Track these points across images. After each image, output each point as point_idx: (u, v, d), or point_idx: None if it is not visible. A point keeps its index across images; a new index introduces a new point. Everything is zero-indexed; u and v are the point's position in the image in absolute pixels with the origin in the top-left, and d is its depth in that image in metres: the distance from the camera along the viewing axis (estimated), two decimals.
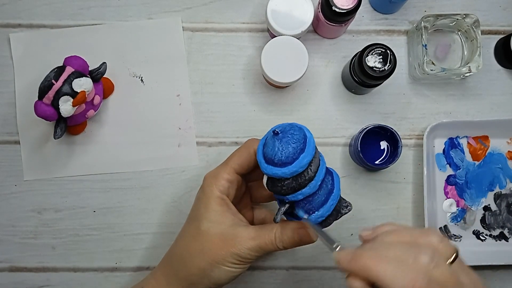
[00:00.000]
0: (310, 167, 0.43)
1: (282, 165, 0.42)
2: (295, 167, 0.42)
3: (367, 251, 0.38)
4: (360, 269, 0.37)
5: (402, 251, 0.37)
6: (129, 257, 0.62)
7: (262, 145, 0.45)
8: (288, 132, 0.43)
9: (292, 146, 0.42)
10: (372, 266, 0.36)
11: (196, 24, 0.64)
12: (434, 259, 0.36)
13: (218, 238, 0.46)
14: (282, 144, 0.42)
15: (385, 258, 0.37)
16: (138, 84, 0.63)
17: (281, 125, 0.45)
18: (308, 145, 0.42)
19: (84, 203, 0.62)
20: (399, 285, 0.35)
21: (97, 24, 0.63)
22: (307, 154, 0.42)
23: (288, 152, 0.42)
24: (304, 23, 0.57)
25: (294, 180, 0.43)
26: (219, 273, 0.46)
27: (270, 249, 0.47)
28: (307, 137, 0.43)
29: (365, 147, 0.59)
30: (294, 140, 0.42)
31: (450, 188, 0.63)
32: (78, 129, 0.61)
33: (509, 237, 0.63)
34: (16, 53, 0.62)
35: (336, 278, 0.62)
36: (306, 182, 0.43)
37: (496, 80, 0.64)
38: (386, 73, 0.54)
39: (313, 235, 0.46)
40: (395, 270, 0.36)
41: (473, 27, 0.60)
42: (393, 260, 0.36)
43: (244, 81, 0.63)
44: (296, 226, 0.46)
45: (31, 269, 0.62)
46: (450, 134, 0.63)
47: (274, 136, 0.43)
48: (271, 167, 0.43)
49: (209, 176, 0.50)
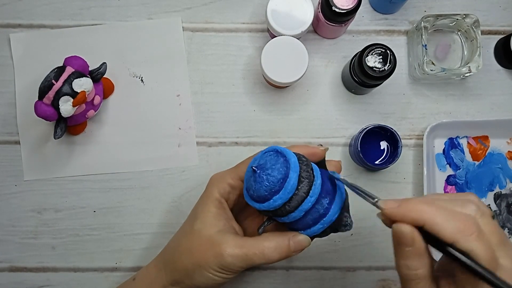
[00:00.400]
0: (288, 204, 0.41)
1: (256, 201, 0.42)
2: (265, 207, 0.41)
3: (414, 199, 0.38)
4: (409, 213, 0.36)
5: (447, 203, 0.37)
6: (129, 257, 0.62)
7: (246, 175, 0.44)
8: (266, 171, 0.41)
9: (263, 188, 0.41)
10: (422, 209, 0.36)
11: (196, 24, 0.64)
12: (478, 211, 0.36)
13: (206, 241, 0.46)
14: (256, 183, 0.42)
15: (435, 205, 0.36)
16: (138, 84, 0.63)
17: (266, 158, 0.42)
18: (286, 187, 0.41)
19: (84, 203, 0.62)
20: (450, 228, 0.34)
21: (97, 24, 0.63)
22: (280, 197, 0.41)
23: (259, 193, 0.41)
24: (304, 23, 0.57)
25: (270, 212, 0.42)
26: (200, 277, 0.46)
27: (258, 260, 0.45)
28: (288, 177, 0.41)
29: (365, 147, 0.59)
30: (268, 182, 0.41)
31: (450, 188, 0.63)
32: (78, 129, 0.61)
33: (509, 237, 0.63)
34: (16, 53, 0.62)
35: (336, 278, 0.62)
36: (285, 214, 0.42)
37: (496, 80, 0.64)
38: (386, 73, 0.54)
39: (307, 243, 0.45)
40: (445, 214, 0.35)
41: (473, 27, 0.60)
42: (441, 207, 0.36)
43: (244, 81, 0.64)
44: (290, 234, 0.45)
45: (31, 269, 0.62)
46: (450, 134, 0.63)
47: (252, 172, 0.42)
48: (248, 197, 0.43)
49: (215, 177, 0.50)
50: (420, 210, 0.36)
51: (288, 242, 0.45)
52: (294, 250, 0.45)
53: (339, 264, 0.62)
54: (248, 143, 0.63)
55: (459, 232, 0.34)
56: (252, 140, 0.63)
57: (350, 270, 0.62)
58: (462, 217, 0.35)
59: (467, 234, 0.34)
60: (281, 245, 0.45)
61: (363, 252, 0.62)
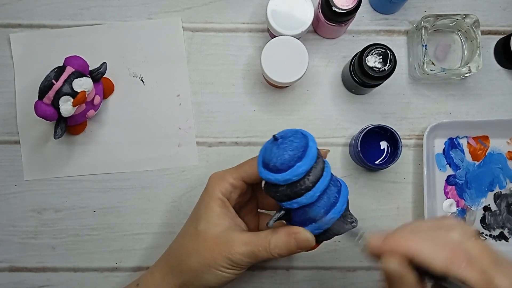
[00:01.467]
0: (307, 176, 0.41)
1: (277, 171, 0.41)
2: (289, 175, 0.41)
3: (398, 232, 0.37)
4: (395, 247, 0.36)
5: (430, 232, 0.36)
6: (129, 257, 0.62)
7: (264, 148, 0.44)
8: (288, 139, 0.42)
9: (288, 154, 0.41)
10: (408, 242, 0.35)
11: (196, 24, 0.64)
12: (464, 235, 0.36)
13: (213, 241, 0.46)
14: (279, 150, 0.41)
15: (419, 236, 0.36)
16: (138, 84, 0.63)
17: (285, 131, 0.43)
18: (308, 155, 0.41)
19: (84, 203, 0.62)
20: (440, 259, 0.34)
21: (97, 24, 0.63)
22: (304, 163, 0.41)
23: (284, 159, 0.41)
24: (304, 23, 0.57)
25: (288, 187, 0.41)
26: (210, 276, 0.46)
27: (264, 256, 0.45)
28: (309, 146, 0.41)
29: (365, 147, 0.59)
30: (292, 148, 0.41)
31: (450, 188, 0.63)
32: (78, 129, 0.61)
33: (509, 237, 0.63)
34: (16, 53, 0.62)
35: (336, 278, 0.62)
36: (302, 192, 0.41)
37: (496, 80, 0.64)
38: (386, 73, 0.54)
39: (312, 240, 0.44)
40: (432, 245, 0.35)
41: (473, 27, 0.60)
42: (427, 237, 0.35)
43: (244, 81, 0.64)
44: (293, 230, 0.44)
45: (31, 269, 0.62)
46: (450, 134, 0.63)
47: (273, 141, 0.42)
48: (266, 171, 0.42)
49: (215, 176, 0.50)
50: (406, 245, 0.35)
51: (290, 239, 0.44)
52: (299, 247, 0.44)
53: (339, 264, 0.62)
54: (248, 143, 0.63)
55: (449, 263, 0.34)
56: (252, 140, 0.63)
57: (350, 270, 0.62)
58: (449, 246, 0.35)
59: (457, 264, 0.34)
60: (283, 241, 0.44)
61: None
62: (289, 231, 0.44)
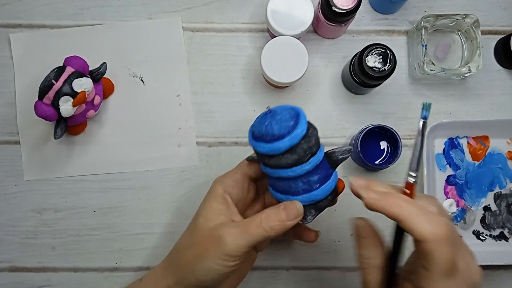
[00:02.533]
0: (309, 138, 0.43)
1: (278, 139, 0.43)
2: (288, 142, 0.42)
3: (393, 193, 0.40)
4: (389, 207, 0.38)
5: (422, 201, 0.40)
6: (129, 257, 0.62)
7: (252, 129, 0.46)
8: (278, 110, 0.44)
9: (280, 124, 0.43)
10: (402, 205, 0.38)
11: (196, 24, 0.64)
12: (441, 212, 0.39)
13: (207, 233, 0.47)
14: (275, 120, 0.43)
15: (412, 202, 0.38)
16: (138, 84, 0.63)
17: (277, 107, 0.46)
18: (301, 119, 0.43)
19: (84, 203, 0.62)
20: (425, 229, 0.36)
21: (97, 24, 0.63)
22: (301, 124, 0.43)
23: (280, 127, 0.43)
24: (304, 23, 0.57)
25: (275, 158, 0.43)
26: (201, 269, 0.46)
27: (257, 235, 0.45)
28: (299, 112, 0.44)
29: (365, 147, 0.59)
30: (284, 119, 0.43)
31: (450, 188, 0.63)
32: (78, 129, 0.61)
33: (509, 237, 0.63)
34: (16, 53, 0.62)
35: (336, 278, 0.62)
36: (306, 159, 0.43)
37: (496, 80, 0.64)
38: (386, 73, 0.54)
39: (300, 208, 0.45)
40: (423, 214, 0.37)
41: (473, 27, 0.60)
42: (419, 206, 0.38)
43: (244, 81, 0.63)
44: (282, 204, 0.45)
45: (31, 269, 0.62)
46: (450, 134, 0.63)
47: (265, 114, 0.44)
48: (258, 143, 0.44)
49: (218, 178, 0.51)
50: (400, 207, 0.38)
51: (280, 212, 0.45)
52: (288, 219, 0.45)
53: (339, 264, 0.62)
54: (248, 143, 0.63)
55: (432, 234, 0.36)
56: None
57: (350, 270, 0.62)
58: (437, 220, 0.37)
59: (438, 238, 0.36)
60: (274, 214, 0.45)
61: None
62: (278, 205, 0.46)
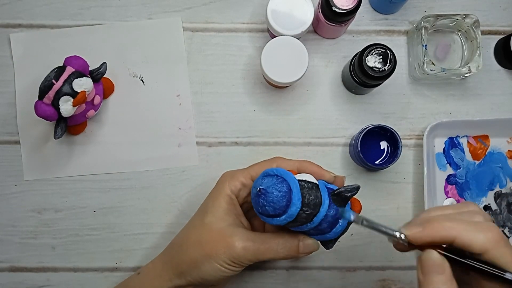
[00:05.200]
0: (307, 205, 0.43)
1: (276, 217, 0.42)
2: (283, 220, 0.42)
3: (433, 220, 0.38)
4: (437, 233, 0.36)
5: (459, 216, 0.38)
6: (129, 257, 0.62)
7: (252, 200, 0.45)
8: (269, 189, 0.43)
9: (275, 204, 0.42)
10: (449, 226, 0.36)
11: (196, 24, 0.64)
12: (487, 219, 0.38)
13: (217, 233, 0.47)
14: (266, 201, 0.42)
15: (453, 221, 0.37)
16: (138, 84, 0.63)
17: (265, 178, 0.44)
18: (294, 197, 0.42)
19: (84, 203, 0.62)
20: (481, 239, 0.35)
21: (97, 24, 0.63)
22: (294, 203, 0.42)
23: (274, 209, 0.42)
24: (304, 23, 0.57)
25: (288, 224, 0.43)
26: (209, 269, 0.46)
27: (268, 255, 0.46)
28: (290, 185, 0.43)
29: (365, 147, 0.59)
30: (277, 196, 0.42)
31: (451, 188, 0.63)
32: (78, 129, 0.61)
33: (509, 237, 0.63)
34: (16, 53, 0.62)
35: (336, 278, 0.62)
36: (303, 222, 0.43)
37: (496, 80, 0.64)
38: (386, 73, 0.54)
39: (317, 246, 0.47)
40: (471, 227, 0.36)
41: (473, 27, 0.60)
42: (463, 221, 0.37)
43: (244, 81, 0.63)
44: (301, 235, 0.47)
45: (31, 269, 0.62)
46: (450, 134, 0.63)
47: (257, 194, 0.43)
48: (264, 217, 0.44)
49: (227, 174, 0.51)
50: (448, 227, 0.36)
51: (298, 243, 0.46)
52: (302, 252, 0.47)
53: (339, 264, 0.62)
54: (248, 143, 0.63)
55: (491, 242, 0.35)
56: (252, 140, 0.63)
57: (350, 270, 0.62)
58: (486, 227, 0.36)
59: (498, 243, 0.35)
60: (291, 244, 0.46)
61: (363, 252, 0.62)
62: (296, 235, 0.47)
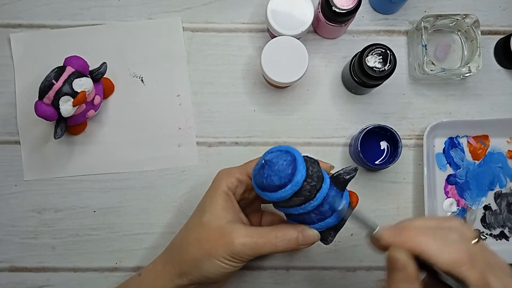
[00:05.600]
0: (311, 178, 0.42)
1: (280, 188, 0.42)
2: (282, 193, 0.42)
3: (407, 228, 0.40)
4: (406, 243, 0.38)
5: (437, 230, 0.39)
6: (129, 257, 0.62)
7: (254, 172, 0.44)
8: (274, 159, 0.42)
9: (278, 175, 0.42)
10: (418, 239, 0.38)
11: (196, 24, 0.64)
12: (465, 237, 0.39)
13: (216, 231, 0.47)
14: (270, 172, 0.42)
15: (427, 234, 0.38)
16: (138, 84, 0.63)
17: (271, 153, 0.44)
18: (299, 165, 0.42)
19: (84, 203, 0.62)
20: (445, 259, 0.37)
21: (97, 24, 0.63)
22: (299, 170, 0.42)
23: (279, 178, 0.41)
24: (304, 23, 0.57)
25: (285, 202, 0.43)
26: (210, 266, 0.46)
27: (266, 250, 0.46)
28: (295, 156, 0.42)
29: (365, 147, 0.59)
30: (280, 168, 0.42)
31: (451, 188, 0.63)
32: (78, 129, 0.61)
33: (509, 236, 0.63)
34: (16, 53, 0.62)
35: (336, 278, 0.62)
36: (300, 203, 0.43)
37: (496, 80, 0.64)
38: (386, 73, 0.54)
39: (317, 236, 0.46)
40: (439, 244, 0.37)
41: (473, 27, 0.60)
42: (435, 237, 0.38)
43: (244, 81, 0.64)
44: (299, 226, 0.46)
45: (31, 269, 0.62)
46: (450, 134, 0.63)
47: (262, 165, 0.43)
48: (263, 192, 0.43)
49: (223, 172, 0.51)
50: (417, 241, 0.38)
51: (297, 235, 0.46)
52: (302, 243, 0.46)
53: (339, 264, 0.62)
54: (248, 143, 0.63)
55: (454, 263, 0.37)
56: (252, 140, 0.63)
57: (350, 270, 0.62)
58: (454, 247, 0.37)
59: (461, 265, 0.37)
60: (290, 236, 0.46)
61: (363, 252, 0.62)
62: (295, 226, 0.46)
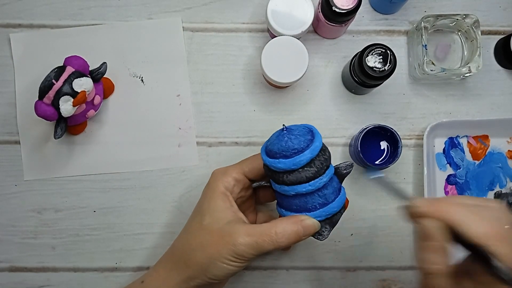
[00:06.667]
0: (324, 151, 0.45)
1: (299, 152, 0.44)
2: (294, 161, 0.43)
3: (444, 201, 0.40)
4: (441, 213, 0.39)
5: (474, 207, 0.39)
6: (129, 257, 0.62)
7: (268, 148, 0.46)
8: (293, 127, 0.46)
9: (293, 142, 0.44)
10: (453, 211, 0.38)
11: (196, 24, 0.64)
12: (502, 218, 0.39)
13: (217, 234, 0.47)
14: (293, 135, 0.44)
15: (464, 208, 0.39)
16: (138, 84, 0.63)
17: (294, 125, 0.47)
18: (316, 134, 0.45)
19: (84, 203, 0.62)
20: (479, 232, 0.37)
21: (97, 24, 0.63)
22: (318, 138, 0.45)
23: (299, 141, 0.44)
24: (304, 23, 0.57)
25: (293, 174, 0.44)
26: (215, 269, 0.46)
27: (268, 246, 0.45)
28: (312, 127, 0.46)
29: (365, 147, 0.59)
30: (299, 139, 0.44)
31: (451, 188, 0.63)
32: (78, 129, 0.61)
33: None
34: (16, 53, 0.63)
35: (336, 278, 0.62)
36: (306, 180, 0.44)
37: (496, 80, 0.64)
38: (386, 73, 0.54)
39: (317, 225, 0.46)
40: (474, 219, 0.38)
41: (473, 28, 0.60)
42: (471, 210, 0.39)
43: (244, 81, 0.64)
44: (298, 218, 0.46)
45: (31, 269, 0.62)
46: (450, 134, 0.63)
47: (282, 131, 0.45)
48: (271, 159, 0.45)
49: (218, 172, 0.51)
50: (452, 211, 0.38)
51: (297, 227, 0.45)
52: (304, 235, 0.46)
53: (339, 264, 0.62)
54: (248, 143, 0.63)
55: (485, 236, 0.37)
56: (252, 140, 0.63)
57: (350, 270, 0.62)
58: (489, 223, 0.38)
59: (492, 239, 0.37)
60: (291, 229, 0.45)
61: (363, 252, 0.62)
62: (294, 219, 0.45)
